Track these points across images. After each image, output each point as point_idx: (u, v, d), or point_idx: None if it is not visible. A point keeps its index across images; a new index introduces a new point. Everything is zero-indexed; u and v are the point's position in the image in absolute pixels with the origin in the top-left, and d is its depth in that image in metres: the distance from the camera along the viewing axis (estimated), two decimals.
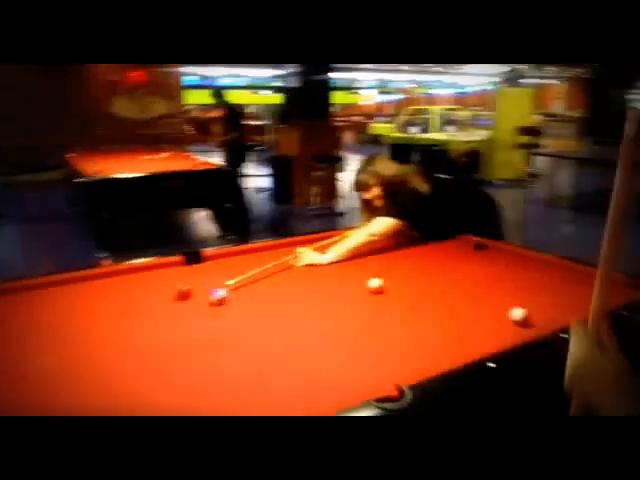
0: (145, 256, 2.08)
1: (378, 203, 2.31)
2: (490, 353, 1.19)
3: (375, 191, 2.31)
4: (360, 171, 2.38)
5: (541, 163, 9.56)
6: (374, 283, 1.71)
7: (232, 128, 6.69)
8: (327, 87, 7.30)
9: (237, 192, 5.15)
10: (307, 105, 7.08)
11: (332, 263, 2.03)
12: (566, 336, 1.28)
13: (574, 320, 0.83)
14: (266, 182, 7.81)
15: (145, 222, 5.82)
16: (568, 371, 0.71)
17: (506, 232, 2.53)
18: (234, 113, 6.88)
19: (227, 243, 4.88)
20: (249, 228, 5.24)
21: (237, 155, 6.65)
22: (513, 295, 1.66)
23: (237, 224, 5.15)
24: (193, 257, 2.07)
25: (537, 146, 8.76)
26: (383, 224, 2.17)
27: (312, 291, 1.79)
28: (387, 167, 2.34)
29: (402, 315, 1.56)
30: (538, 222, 6.03)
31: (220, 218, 5.31)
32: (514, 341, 1.26)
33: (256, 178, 8.27)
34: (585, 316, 1.41)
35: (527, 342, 1.26)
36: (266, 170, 8.06)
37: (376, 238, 2.14)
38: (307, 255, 2.03)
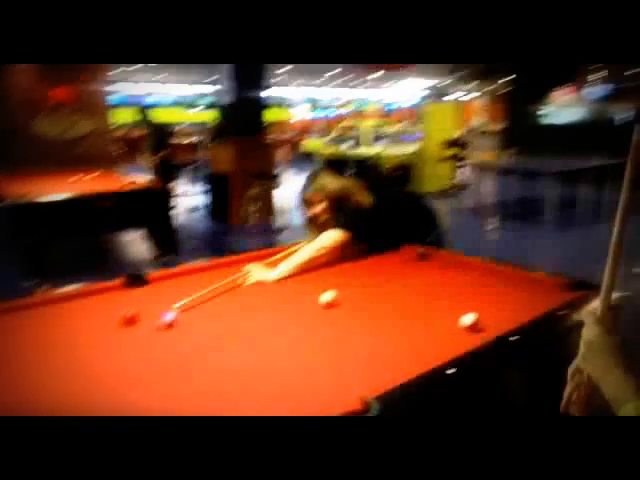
0: (77, 282, 1.98)
1: (324, 218, 2.33)
2: (447, 360, 1.22)
3: (321, 206, 2.33)
4: (305, 187, 2.40)
5: (466, 174, 10.05)
6: (327, 297, 1.71)
7: (160, 147, 6.56)
8: (260, 104, 7.31)
9: (167, 211, 5.02)
10: (241, 122, 7.05)
11: (281, 279, 2.02)
12: (516, 338, 1.35)
13: (523, 320, 0.90)
14: (201, 200, 7.69)
15: (75, 246, 5.54)
16: (582, 350, 0.85)
17: (447, 241, 2.63)
18: (160, 132, 6.75)
19: (160, 264, 4.76)
20: (178, 248, 5.13)
21: (167, 174, 6.50)
22: (461, 301, 1.72)
23: (168, 244, 5.04)
24: (136, 280, 1.99)
25: (463, 158, 9.19)
26: (330, 238, 2.18)
27: (264, 308, 1.77)
28: (331, 182, 2.37)
29: (357, 327, 1.58)
30: (466, 230, 6.29)
31: (152, 238, 5.17)
32: (468, 346, 1.30)
33: (191, 196, 8.12)
34: (531, 315, 1.49)
35: (480, 346, 1.31)
36: (201, 188, 7.93)
37: (324, 252, 2.15)
38: (255, 272, 2.01)
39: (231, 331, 1.57)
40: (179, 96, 19.05)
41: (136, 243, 5.69)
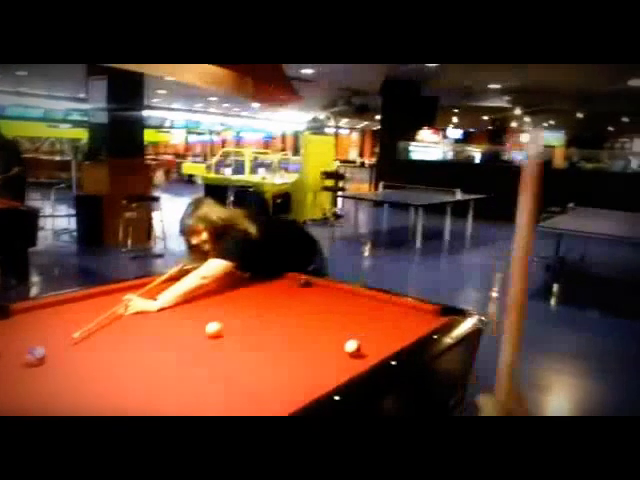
0: None
1: (207, 247, 2.29)
2: (334, 386, 1.27)
3: (202, 236, 2.29)
4: (186, 216, 2.34)
5: (343, 204, 10.52)
6: (212, 327, 1.69)
7: (12, 163, 6.01)
8: (136, 124, 7.04)
9: (30, 234, 4.58)
10: (116, 141, 6.72)
11: (164, 309, 1.95)
12: (394, 363, 1.45)
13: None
14: (68, 222, 7.13)
15: None
16: None
17: (327, 268, 2.73)
18: (11, 147, 6.21)
19: (13, 293, 4.32)
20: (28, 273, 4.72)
21: (17, 193, 5.93)
22: (343, 328, 1.79)
23: (23, 271, 4.62)
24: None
25: (341, 189, 9.61)
26: (213, 266, 2.16)
27: (146, 340, 1.70)
28: (214, 211, 2.34)
29: (244, 356, 1.57)
30: (342, 257, 6.57)
31: (6, 265, 4.68)
32: (352, 372, 1.37)
33: (56, 218, 7.49)
34: (409, 339, 1.60)
35: (363, 372, 1.38)
36: (70, 209, 7.36)
37: (207, 281, 2.12)
38: (136, 302, 1.91)
39: (110, 366, 1.48)
40: (47, 110, 17.61)
41: None
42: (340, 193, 9.45)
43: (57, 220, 7.49)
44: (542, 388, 3.18)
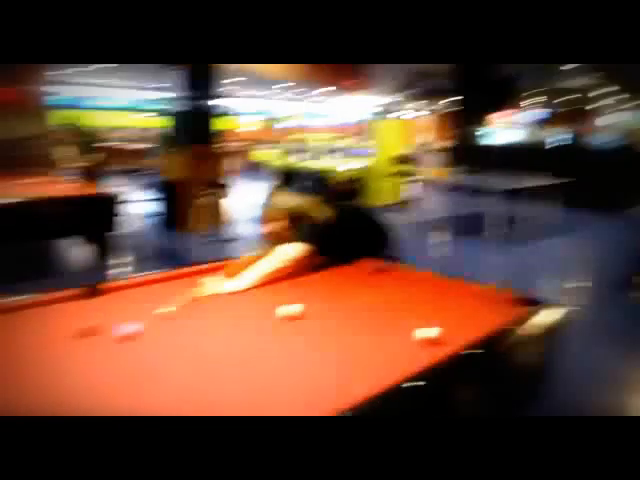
0: (20, 289, 1.90)
1: (285, 234, 2.34)
2: (410, 373, 1.26)
3: (281, 224, 2.36)
4: (265, 205, 2.42)
5: (416, 189, 10.33)
6: (288, 309, 1.73)
7: (88, 152, 6.38)
8: (213, 112, 7.26)
9: (113, 219, 4.87)
10: (192, 130, 6.98)
11: (242, 291, 2.01)
12: (475, 352, 1.42)
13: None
14: (151, 208, 7.51)
15: (17, 253, 5.29)
16: None
17: (401, 255, 2.70)
18: (90, 137, 6.58)
19: (104, 272, 4.63)
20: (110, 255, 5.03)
21: (96, 180, 6.31)
22: (417, 315, 1.78)
23: (107, 252, 4.93)
24: (91, 290, 1.93)
25: (413, 174, 9.45)
26: (292, 250, 2.21)
27: (227, 321, 1.76)
28: (290, 200, 2.42)
29: (318, 340, 1.60)
30: (416, 244, 6.47)
31: (95, 246, 5.02)
32: (428, 359, 1.36)
33: (140, 204, 7.92)
34: (486, 329, 1.55)
35: (438, 360, 1.36)
36: (151, 195, 7.76)
37: (283, 265, 2.17)
38: (215, 284, 1.99)
39: (192, 344, 1.56)
40: (131, 100, 18.59)
41: (75, 250, 5.50)
42: (412, 178, 9.30)
43: (140, 205, 7.91)
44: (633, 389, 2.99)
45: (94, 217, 4.68)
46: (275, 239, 2.38)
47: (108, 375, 1.33)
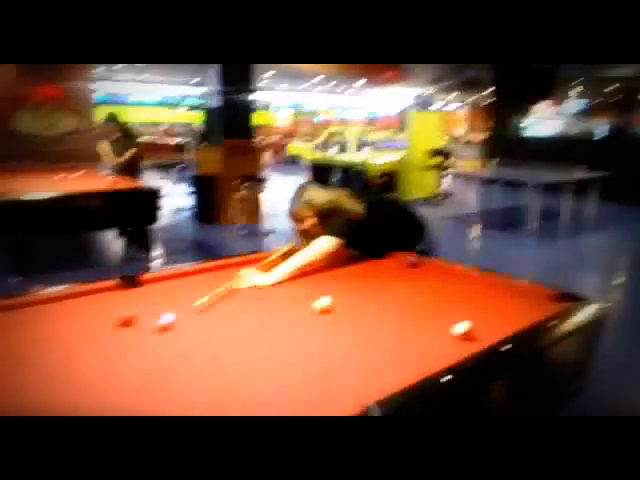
0: (60, 280, 1.98)
1: (315, 231, 2.34)
2: (443, 367, 1.26)
3: (311, 221, 2.35)
4: (294, 202, 2.41)
5: (451, 183, 10.18)
6: (322, 303, 1.74)
7: (128, 147, 6.52)
8: (248, 107, 7.32)
9: (154, 211, 4.99)
10: (229, 124, 7.06)
11: (276, 284, 2.04)
12: (508, 347, 1.40)
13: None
14: (188, 201, 7.65)
15: (59, 244, 5.49)
16: None
17: (435, 249, 2.68)
18: (126, 132, 6.72)
19: (140, 264, 4.76)
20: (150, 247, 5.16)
21: (132, 174, 6.45)
22: (452, 309, 1.76)
23: (143, 243, 5.06)
24: (130, 281, 1.99)
25: (447, 167, 9.31)
26: (323, 244, 2.21)
27: (261, 313, 1.79)
28: (319, 196, 2.38)
29: (352, 333, 1.60)
30: (450, 237, 6.39)
31: (134, 238, 5.15)
32: (462, 354, 1.34)
33: (175, 197, 8.08)
34: (522, 325, 1.53)
35: (475, 354, 1.35)
36: (188, 189, 7.90)
37: (317, 258, 2.18)
38: (251, 276, 2.02)
39: (228, 335, 1.59)
40: (165, 96, 18.95)
41: (113, 241, 5.67)
42: (448, 171, 9.17)
43: (176, 199, 8.07)
44: None
45: (138, 210, 4.81)
46: (306, 236, 2.37)
47: (145, 365, 1.37)
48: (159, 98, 19.31)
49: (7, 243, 4.18)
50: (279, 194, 9.18)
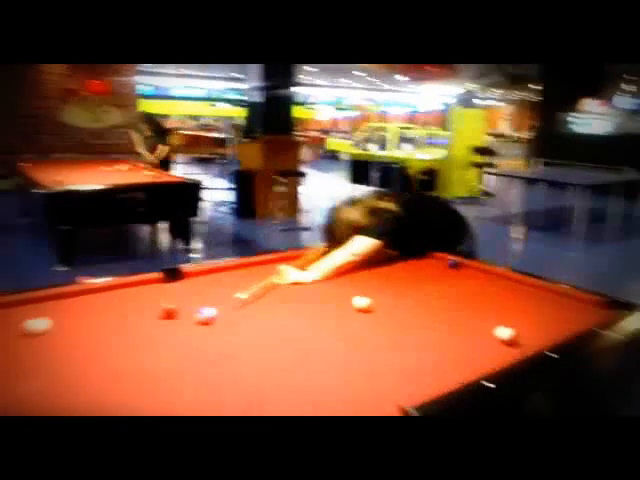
0: (106, 270, 2.03)
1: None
2: (485, 372, 1.23)
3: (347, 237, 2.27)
4: (328, 219, 2.37)
5: (493, 182, 9.95)
6: (361, 302, 1.73)
7: (160, 142, 6.64)
8: (288, 102, 7.35)
9: (197, 205, 5.08)
10: (269, 119, 7.11)
11: (316, 281, 2.04)
12: (554, 355, 1.35)
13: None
14: (226, 196, 7.75)
15: (104, 235, 5.66)
16: None
17: (477, 250, 2.62)
18: (158, 127, 6.85)
19: (183, 256, 4.85)
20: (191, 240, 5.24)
21: (166, 169, 6.59)
22: (494, 313, 1.72)
23: (185, 235, 5.16)
24: (172, 274, 2.03)
25: (490, 165, 9.11)
26: (363, 244, 2.20)
27: (300, 310, 1.79)
28: (353, 213, 2.31)
29: (391, 334, 1.58)
30: (492, 238, 6.24)
31: (181, 231, 5.26)
32: (504, 360, 1.31)
33: (216, 191, 8.20)
34: (569, 332, 1.48)
35: (518, 361, 1.31)
36: (228, 184, 8.00)
37: (357, 257, 2.17)
38: (291, 273, 2.03)
39: (268, 331, 1.59)
40: (207, 91, 19.25)
41: (157, 234, 5.80)
42: (491, 170, 8.97)
43: (217, 193, 8.19)
44: None
45: (181, 202, 4.92)
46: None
47: (186, 358, 1.39)
48: (202, 93, 19.62)
49: (55, 233, 4.33)
50: (319, 190, 9.19)
